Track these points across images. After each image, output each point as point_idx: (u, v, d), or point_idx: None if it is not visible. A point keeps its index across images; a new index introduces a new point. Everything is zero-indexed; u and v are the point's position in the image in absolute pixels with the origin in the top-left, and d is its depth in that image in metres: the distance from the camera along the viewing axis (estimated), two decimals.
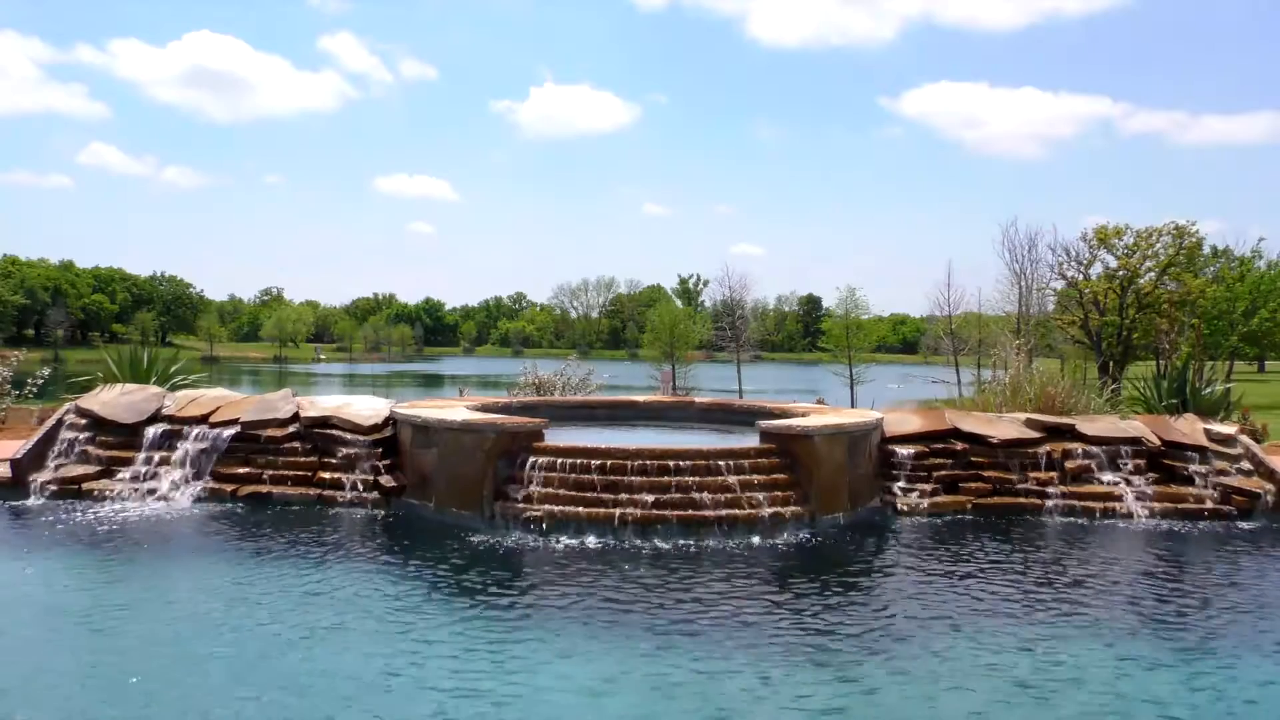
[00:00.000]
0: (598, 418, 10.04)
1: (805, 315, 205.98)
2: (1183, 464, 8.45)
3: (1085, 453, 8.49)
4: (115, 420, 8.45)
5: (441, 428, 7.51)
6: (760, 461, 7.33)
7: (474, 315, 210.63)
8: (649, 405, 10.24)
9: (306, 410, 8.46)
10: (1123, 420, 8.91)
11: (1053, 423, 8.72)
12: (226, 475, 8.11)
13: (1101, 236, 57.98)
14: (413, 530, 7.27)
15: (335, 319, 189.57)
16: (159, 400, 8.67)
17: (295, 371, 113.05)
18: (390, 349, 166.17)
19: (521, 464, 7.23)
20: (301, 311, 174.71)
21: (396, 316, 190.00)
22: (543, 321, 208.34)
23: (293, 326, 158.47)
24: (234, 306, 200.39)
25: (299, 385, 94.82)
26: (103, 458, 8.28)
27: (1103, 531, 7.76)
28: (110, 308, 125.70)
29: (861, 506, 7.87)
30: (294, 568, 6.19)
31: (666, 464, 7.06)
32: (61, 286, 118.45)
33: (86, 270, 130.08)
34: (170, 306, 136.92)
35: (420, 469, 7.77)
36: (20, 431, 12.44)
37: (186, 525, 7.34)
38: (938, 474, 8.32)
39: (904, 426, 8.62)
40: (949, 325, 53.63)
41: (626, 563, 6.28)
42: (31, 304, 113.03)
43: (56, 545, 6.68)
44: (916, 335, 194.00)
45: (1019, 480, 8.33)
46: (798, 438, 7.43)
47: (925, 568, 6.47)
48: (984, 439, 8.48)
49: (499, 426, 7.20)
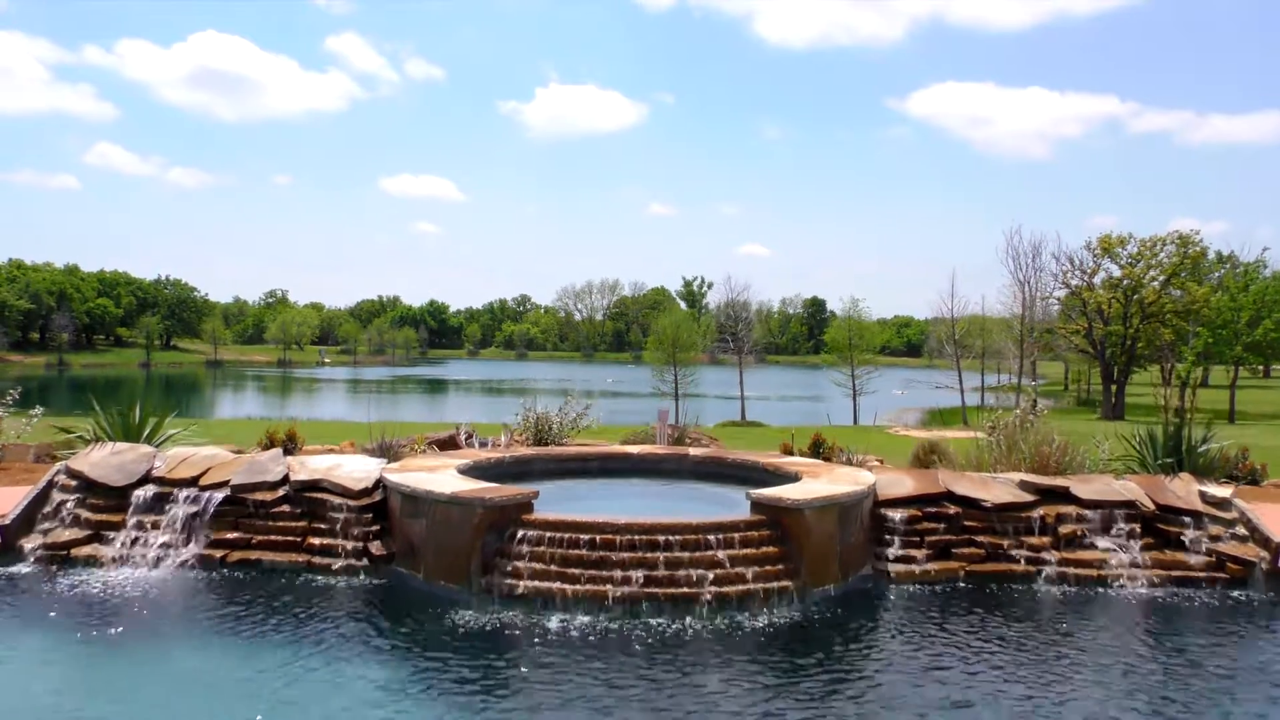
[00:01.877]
0: (591, 471, 10.01)
1: (810, 318, 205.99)
2: (1177, 529, 8.39)
3: (1079, 517, 8.44)
4: (105, 482, 8.43)
5: (430, 499, 7.48)
6: (750, 535, 7.28)
7: (478, 318, 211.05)
8: (643, 457, 10.21)
9: (296, 473, 8.43)
10: (1117, 481, 8.85)
11: (1046, 485, 8.67)
12: (216, 540, 8.08)
13: (1105, 245, 57.91)
14: (400, 604, 7.24)
15: (340, 321, 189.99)
16: (149, 461, 8.65)
17: (299, 376, 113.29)
18: (394, 352, 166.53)
19: (510, 537, 7.19)
20: (306, 314, 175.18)
21: (401, 319, 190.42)
22: (547, 324, 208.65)
23: (297, 329, 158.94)
24: (239, 309, 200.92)
25: (302, 392, 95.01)
26: (93, 521, 8.26)
27: (1096, 603, 7.71)
28: (115, 312, 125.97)
29: (853, 575, 7.82)
30: (273, 652, 6.18)
31: (656, 539, 7.02)
32: (66, 291, 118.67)
33: (91, 274, 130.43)
34: (175, 310, 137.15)
35: (409, 537, 7.74)
36: (15, 474, 12.43)
37: (171, 598, 7.31)
38: (930, 539, 8.27)
39: (896, 489, 8.58)
40: (953, 334, 53.55)
41: (617, 648, 6.23)
42: (36, 308, 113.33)
43: (34, 626, 6.66)
44: (921, 338, 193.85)
45: (1012, 545, 8.28)
46: (788, 510, 7.38)
47: (914, 654, 6.42)
48: (977, 503, 8.43)
49: (487, 501, 7.16)
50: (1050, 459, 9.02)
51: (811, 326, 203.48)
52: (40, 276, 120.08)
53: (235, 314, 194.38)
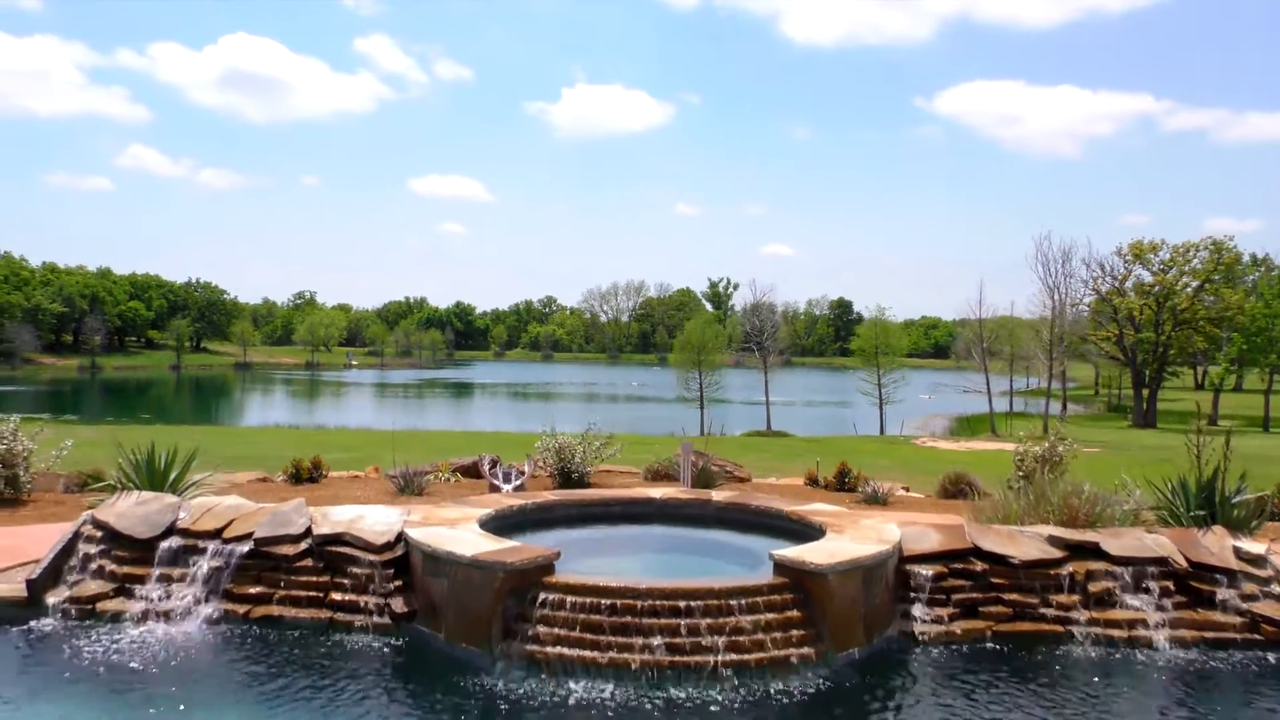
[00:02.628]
0: (613, 516, 9.97)
1: (836, 319, 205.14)
2: (1210, 587, 8.23)
3: (1109, 574, 8.29)
4: (130, 534, 8.47)
5: (451, 560, 7.46)
6: (774, 599, 7.20)
7: (504, 319, 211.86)
8: (666, 502, 10.15)
9: (319, 525, 8.44)
10: (1148, 535, 8.69)
11: (1076, 540, 8.52)
12: (240, 595, 8.11)
13: (1137, 251, 57.21)
14: (421, 667, 7.23)
15: (367, 323, 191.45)
16: (174, 511, 8.69)
17: (327, 380, 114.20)
18: (421, 353, 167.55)
19: (531, 600, 7.15)
20: (333, 316, 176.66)
21: (427, 320, 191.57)
22: (572, 325, 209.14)
23: (325, 331, 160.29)
24: (267, 310, 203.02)
25: (329, 396, 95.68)
26: (118, 574, 8.31)
27: (1127, 666, 7.56)
28: (146, 314, 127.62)
29: (878, 637, 7.72)
30: (290, 716, 6.21)
31: (678, 604, 6.96)
32: (99, 294, 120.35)
33: (123, 277, 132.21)
34: (204, 313, 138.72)
35: (430, 596, 7.72)
36: (45, 506, 12.58)
37: (194, 657, 7.33)
38: (956, 597, 8.15)
39: (922, 544, 8.46)
40: (981, 343, 53.05)
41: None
42: (70, 311, 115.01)
43: (54, 687, 6.70)
44: (948, 340, 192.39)
45: (1041, 604, 8.15)
46: (812, 574, 7.30)
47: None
48: (1005, 559, 8.30)
49: (508, 566, 7.13)
50: (1080, 511, 8.86)
51: (838, 328, 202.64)
52: (73, 279, 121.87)
53: (264, 315, 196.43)
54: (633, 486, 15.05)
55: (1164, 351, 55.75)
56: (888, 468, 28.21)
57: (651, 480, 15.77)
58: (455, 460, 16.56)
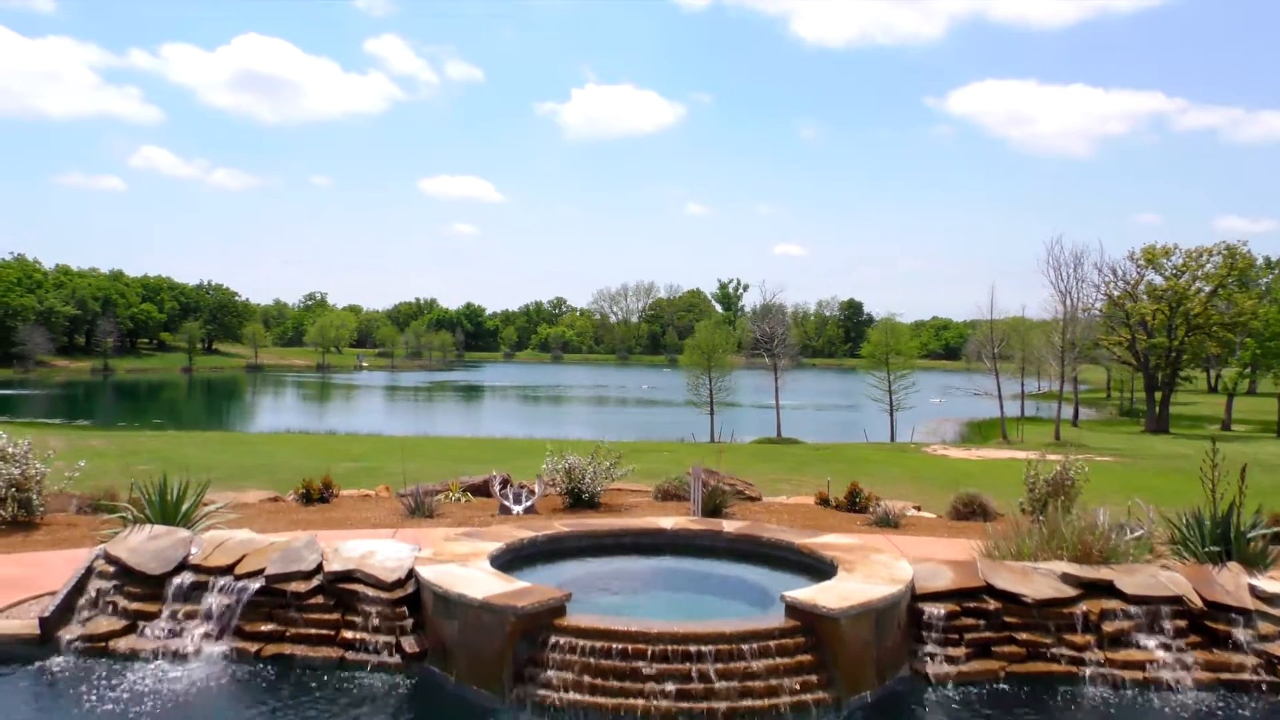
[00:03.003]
0: (624, 548, 9.95)
1: (846, 320, 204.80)
2: (1226, 627, 8.16)
3: (1124, 613, 8.23)
4: (142, 570, 8.49)
5: (461, 602, 7.45)
6: (785, 643, 7.18)
7: (514, 320, 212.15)
8: (677, 533, 10.13)
9: (330, 562, 8.45)
10: (1163, 573, 8.62)
11: (1090, 578, 8.46)
12: (251, 633, 8.12)
13: (1149, 256, 56.93)
14: (432, 709, 7.23)
15: (378, 324, 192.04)
16: (185, 547, 8.71)
17: (337, 383, 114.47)
18: (431, 355, 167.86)
19: (543, 644, 7.14)
20: (344, 317, 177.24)
21: (437, 322, 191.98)
22: (582, 326, 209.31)
23: (335, 333, 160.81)
24: (278, 311, 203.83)
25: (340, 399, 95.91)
26: (130, 610, 8.33)
27: (1141, 709, 7.51)
28: (158, 317, 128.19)
29: (890, 678, 7.68)
30: None
31: (688, 649, 6.94)
32: (111, 296, 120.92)
33: (135, 279, 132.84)
34: (216, 315, 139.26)
35: (441, 637, 7.72)
36: (57, 529, 12.61)
37: (205, 697, 7.35)
38: (969, 636, 8.11)
39: (935, 581, 8.42)
40: (992, 346, 52.78)
41: None
42: (82, 314, 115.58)
43: None
44: (959, 341, 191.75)
45: (1054, 644, 8.10)
46: (823, 618, 7.27)
47: None
48: (1018, 598, 8.25)
49: (519, 610, 7.12)
50: (1094, 547, 8.80)
51: (848, 329, 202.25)
52: (85, 282, 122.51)
53: (275, 316, 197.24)
54: (642, 508, 15.04)
55: (1177, 357, 55.44)
56: (898, 479, 28.12)
57: (662, 500, 15.75)
58: (465, 479, 16.56)
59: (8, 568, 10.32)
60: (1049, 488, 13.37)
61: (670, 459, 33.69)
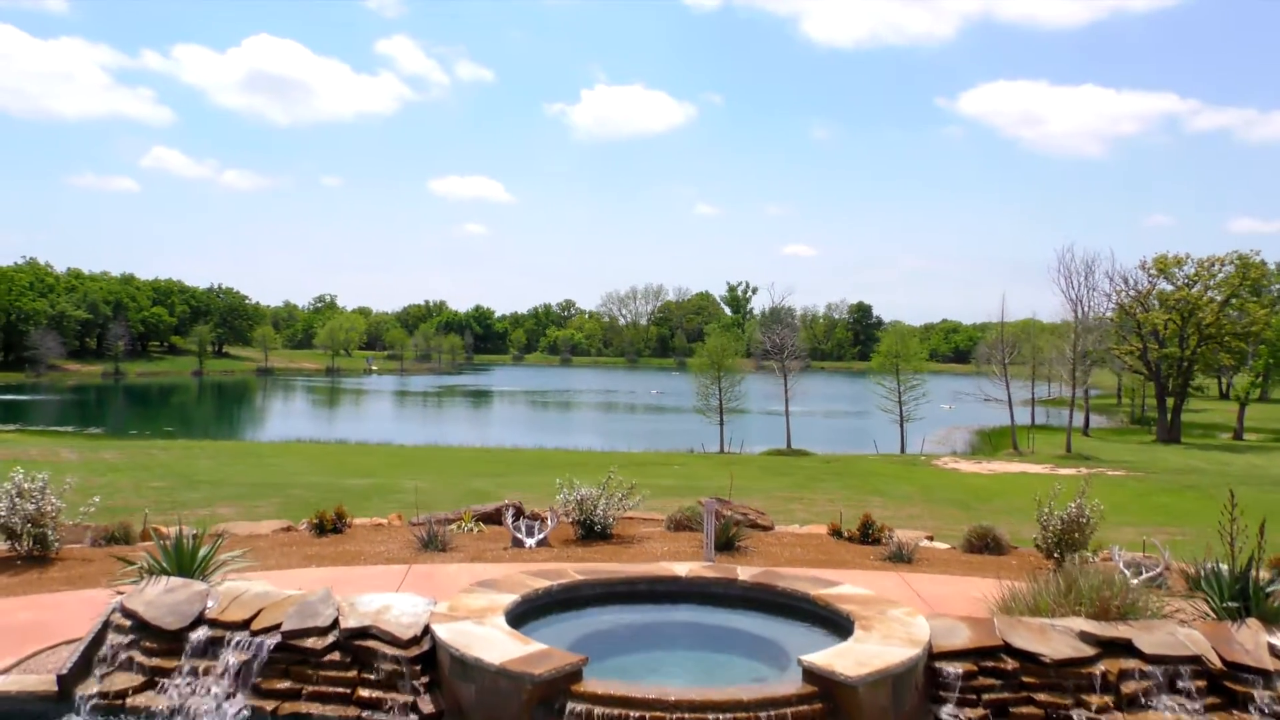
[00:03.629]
0: (639, 595, 9.93)
1: (855, 323, 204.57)
2: (1245, 688, 8.10)
3: (1142, 673, 8.18)
4: (158, 625, 8.51)
5: (478, 666, 7.44)
6: (802, 710, 7.14)
7: (523, 323, 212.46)
8: (691, 580, 10.11)
9: (346, 617, 8.45)
10: (1181, 630, 8.57)
11: (1108, 636, 8.41)
12: (268, 690, 8.12)
13: (1161, 265, 56.75)
14: None
15: (387, 326, 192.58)
16: (202, 601, 8.73)
17: (347, 388, 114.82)
18: (440, 358, 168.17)
19: (559, 710, 7.13)
20: (354, 320, 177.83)
21: (446, 325, 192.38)
22: (591, 329, 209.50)
23: (345, 335, 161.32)
24: (288, 313, 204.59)
25: (349, 404, 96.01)
26: (148, 666, 8.34)
27: None
28: (169, 320, 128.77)
29: None
30: None
31: (705, 717, 6.91)
32: (122, 300, 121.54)
33: (146, 283, 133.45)
34: (226, 318, 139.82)
35: (458, 698, 7.71)
36: (72, 566, 12.64)
37: None
38: (987, 697, 8.06)
39: (952, 639, 8.38)
40: (1003, 357, 52.60)
41: None
42: (94, 318, 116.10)
43: None
44: (969, 344, 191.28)
45: (1073, 704, 8.04)
46: (841, 685, 7.24)
47: None
48: (1036, 657, 8.21)
49: (536, 677, 7.11)
50: (1111, 603, 8.76)
51: (857, 332, 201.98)
52: (97, 285, 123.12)
53: (285, 318, 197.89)
54: (655, 539, 15.05)
55: (1189, 366, 55.21)
56: (909, 496, 28.11)
57: (674, 531, 15.75)
58: (477, 507, 16.59)
59: (24, 611, 10.38)
60: (1063, 525, 13.31)
61: (681, 474, 33.74)
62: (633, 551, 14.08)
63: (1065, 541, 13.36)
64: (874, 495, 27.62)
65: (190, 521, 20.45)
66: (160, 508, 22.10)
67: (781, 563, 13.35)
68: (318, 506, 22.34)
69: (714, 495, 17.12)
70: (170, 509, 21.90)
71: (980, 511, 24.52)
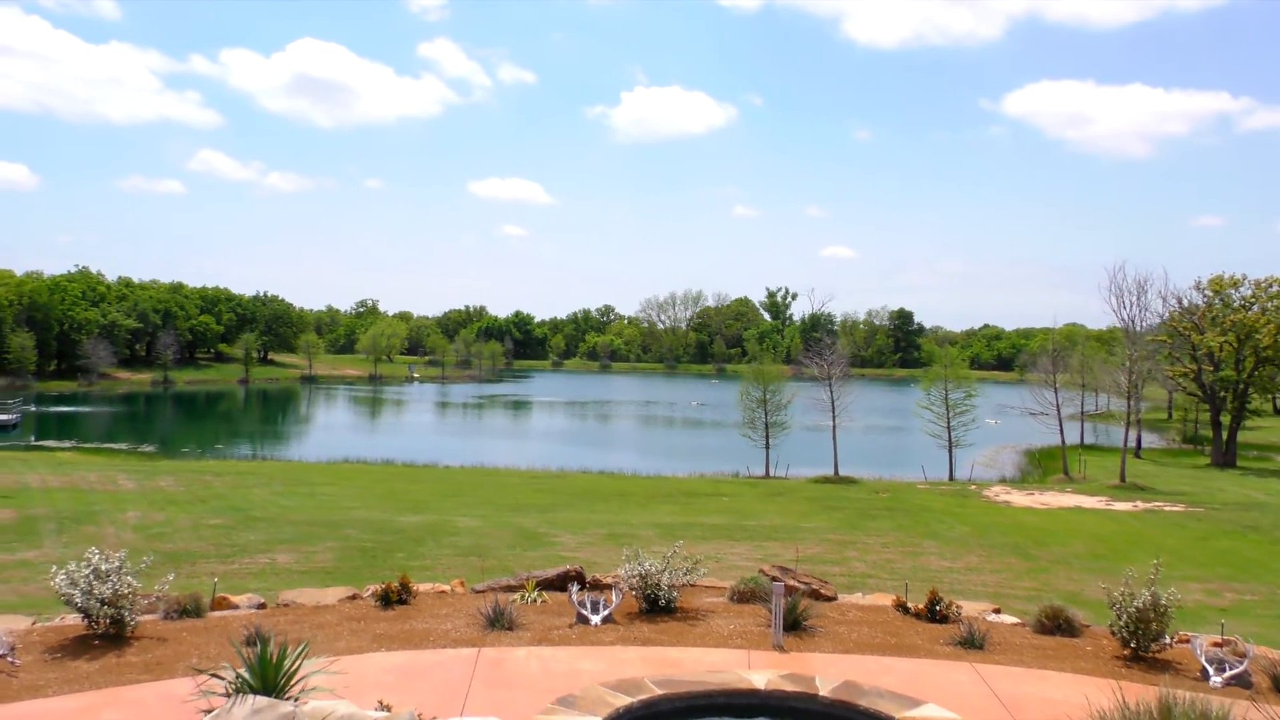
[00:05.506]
0: (716, 708, 9.86)
1: (896, 329, 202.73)
2: None
3: None
4: None
5: None
6: None
7: (562, 328, 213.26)
8: (770, 694, 10.02)
9: None
10: None
11: None
12: None
13: (1216, 287, 55.61)
14: None
15: (428, 331, 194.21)
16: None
17: (390, 397, 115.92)
18: (480, 363, 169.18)
19: None
20: (395, 326, 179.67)
21: (486, 330, 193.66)
22: (630, 335, 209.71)
23: (386, 341, 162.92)
24: (330, 317, 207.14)
25: (392, 415, 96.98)
26: None
27: None
28: (216, 328, 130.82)
29: None
30: None
31: None
32: (171, 308, 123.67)
33: (194, 291, 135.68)
34: (271, 325, 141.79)
35: None
36: (149, 649, 12.73)
37: None
38: None
39: None
40: (1053, 382, 51.79)
41: None
42: (144, 326, 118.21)
43: None
44: (1012, 352, 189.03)
45: None
46: None
47: None
48: None
49: None
50: None
51: (898, 339, 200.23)
52: (147, 294, 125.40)
53: (327, 323, 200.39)
54: (719, 613, 14.93)
55: (1245, 389, 54.05)
56: (963, 539, 27.74)
57: (738, 603, 15.62)
58: (538, 573, 16.57)
59: (109, 710, 10.49)
60: (1139, 613, 13.01)
61: (730, 508, 33.60)
62: (699, 631, 13.98)
63: (1142, 631, 13.06)
64: (928, 539, 27.31)
65: (251, 571, 20.78)
66: (221, 552, 22.40)
67: (850, 646, 13.19)
68: (373, 554, 22.61)
69: (776, 564, 17.00)
70: (230, 554, 22.19)
71: (1039, 560, 24.15)
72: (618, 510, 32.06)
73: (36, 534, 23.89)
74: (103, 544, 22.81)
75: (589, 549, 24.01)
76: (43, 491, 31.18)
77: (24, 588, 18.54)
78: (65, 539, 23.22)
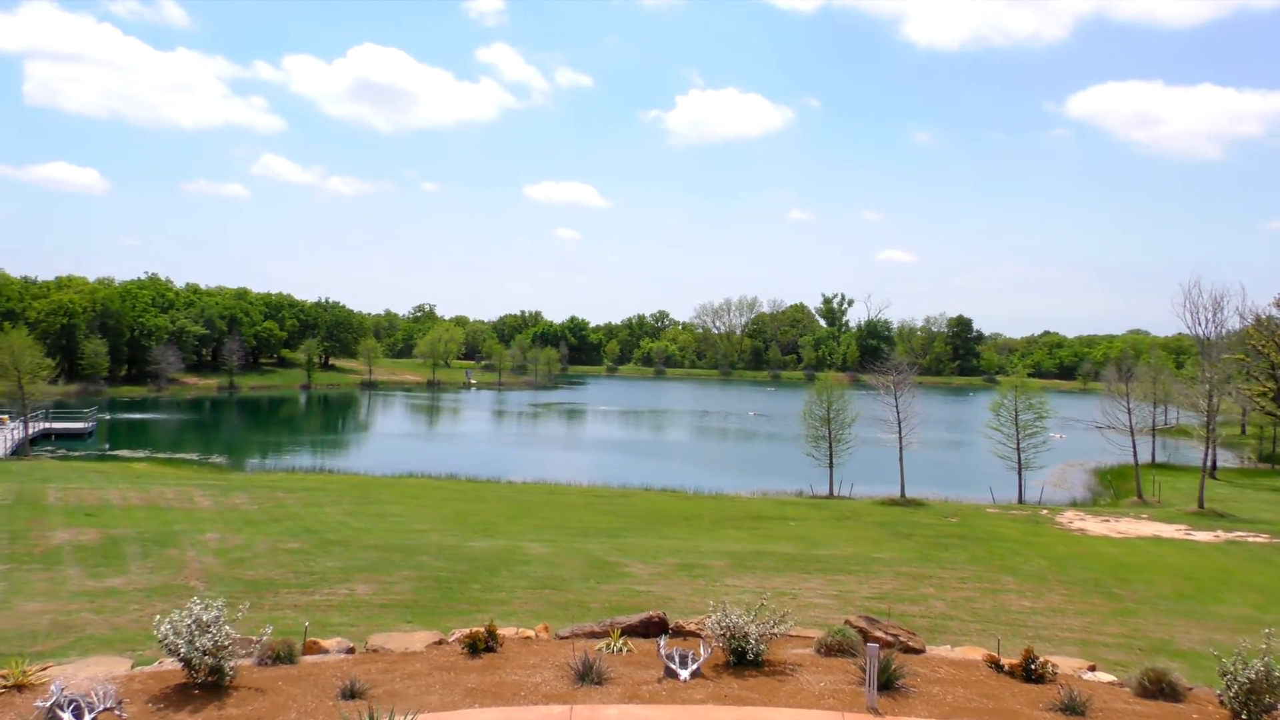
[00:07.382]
0: None
1: (954, 337, 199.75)
2: None
3: None
4: None
5: None
6: None
7: (617, 334, 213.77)
8: None
9: None
10: None
11: None
12: None
13: None
14: None
15: (484, 336, 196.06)
16: None
17: (447, 405, 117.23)
18: (536, 369, 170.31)
19: None
20: (452, 331, 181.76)
21: (542, 335, 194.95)
22: (685, 341, 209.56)
23: (444, 346, 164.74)
24: (389, 321, 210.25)
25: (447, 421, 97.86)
26: None
27: None
28: (279, 334, 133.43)
29: None
30: None
31: None
32: (236, 315, 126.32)
33: (259, 297, 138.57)
34: (332, 331, 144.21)
35: None
36: (247, 700, 12.91)
37: None
38: None
39: None
40: (1128, 409, 50.47)
41: None
42: (210, 332, 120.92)
43: None
44: (1074, 360, 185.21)
45: None
46: None
47: None
48: None
49: None
50: None
51: (956, 346, 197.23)
52: (213, 301, 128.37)
53: (385, 327, 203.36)
54: (807, 667, 14.72)
55: None
56: (1041, 575, 27.14)
57: (826, 656, 15.39)
58: (622, 619, 16.51)
59: None
60: (1251, 684, 12.56)
61: (798, 534, 33.29)
62: (789, 689, 13.79)
63: (1254, 701, 12.62)
64: (1006, 574, 26.76)
65: (333, 604, 21.01)
66: (301, 580, 22.70)
67: (947, 710, 12.91)
68: (449, 585, 22.75)
69: (862, 615, 16.73)
70: (310, 583, 22.47)
71: (1124, 600, 23.52)
72: (686, 536, 31.94)
73: (121, 558, 24.41)
74: (186, 570, 23.36)
75: (661, 581, 23.91)
76: (124, 509, 31.93)
77: (116, 619, 18.92)
78: (150, 564, 23.71)
